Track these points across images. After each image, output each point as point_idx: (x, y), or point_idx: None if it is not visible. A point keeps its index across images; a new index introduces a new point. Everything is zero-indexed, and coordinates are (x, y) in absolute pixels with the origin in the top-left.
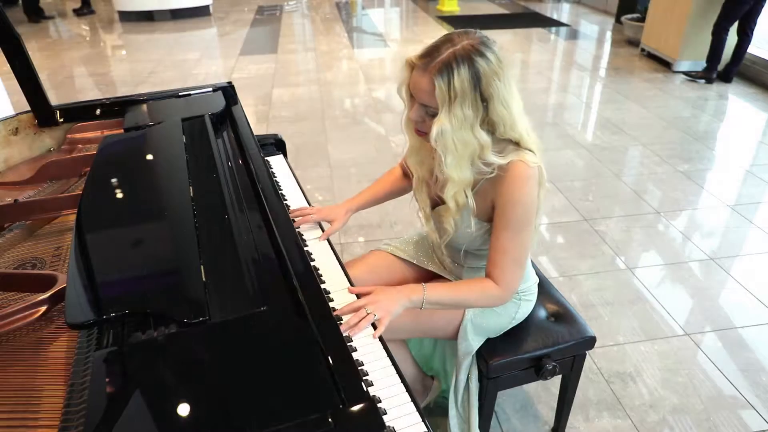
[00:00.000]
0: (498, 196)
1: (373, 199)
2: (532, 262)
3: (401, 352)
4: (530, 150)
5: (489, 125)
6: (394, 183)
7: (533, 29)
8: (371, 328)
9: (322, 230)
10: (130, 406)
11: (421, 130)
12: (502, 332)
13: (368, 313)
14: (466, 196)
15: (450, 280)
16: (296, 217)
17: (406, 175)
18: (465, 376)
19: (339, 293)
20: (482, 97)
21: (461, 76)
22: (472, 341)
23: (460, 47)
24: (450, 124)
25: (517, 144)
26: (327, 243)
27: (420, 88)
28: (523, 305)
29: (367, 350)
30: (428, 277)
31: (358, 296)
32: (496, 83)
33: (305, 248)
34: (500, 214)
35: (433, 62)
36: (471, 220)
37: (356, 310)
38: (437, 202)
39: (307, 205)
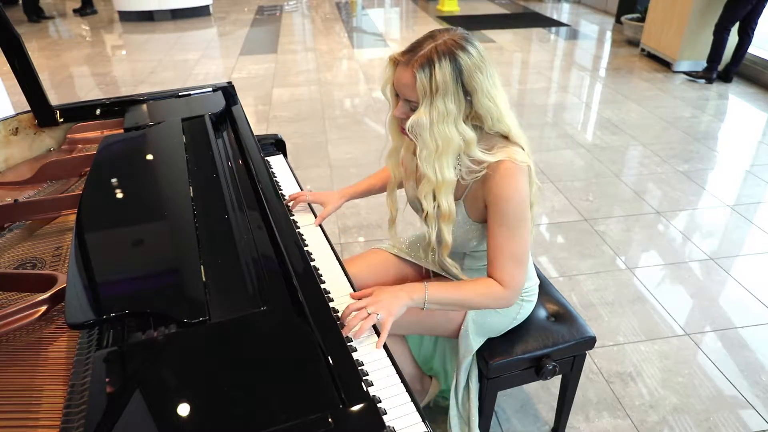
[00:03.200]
0: (489, 195)
1: (369, 190)
2: (533, 263)
3: (401, 349)
4: (520, 146)
5: (476, 119)
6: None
7: (533, 29)
8: (374, 333)
9: (315, 216)
10: (131, 407)
11: (406, 128)
12: (503, 332)
13: (370, 314)
14: (446, 202)
15: (449, 279)
16: (290, 200)
17: None
18: (465, 376)
19: (339, 294)
20: (465, 90)
21: (443, 70)
22: (473, 341)
23: (442, 42)
24: (428, 117)
25: (506, 139)
26: (327, 243)
27: (403, 83)
28: (525, 306)
29: (367, 350)
30: (427, 275)
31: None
32: (478, 76)
33: (305, 248)
34: (493, 212)
35: (415, 57)
36: (463, 221)
37: (358, 310)
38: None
39: (306, 204)
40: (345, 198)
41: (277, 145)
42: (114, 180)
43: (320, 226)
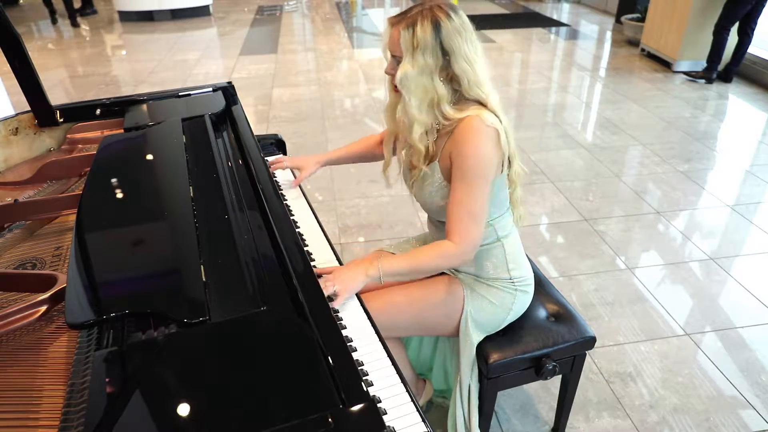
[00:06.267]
0: (453, 149)
1: (346, 157)
2: (526, 255)
3: (397, 353)
4: (495, 114)
5: (453, 80)
6: (370, 147)
7: (533, 29)
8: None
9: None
10: (130, 406)
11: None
12: (502, 327)
13: (328, 285)
14: (418, 132)
15: (448, 275)
16: (271, 165)
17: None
18: (468, 376)
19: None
20: (443, 49)
21: (424, 29)
22: (473, 336)
23: (428, 8)
24: (412, 68)
25: (483, 106)
26: (327, 244)
27: (392, 41)
28: (519, 296)
29: (367, 350)
30: (430, 276)
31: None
32: (457, 39)
33: (305, 248)
34: (455, 167)
35: (403, 18)
36: (435, 176)
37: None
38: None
39: (306, 204)
40: (321, 164)
41: (278, 145)
42: (114, 180)
43: (320, 225)
